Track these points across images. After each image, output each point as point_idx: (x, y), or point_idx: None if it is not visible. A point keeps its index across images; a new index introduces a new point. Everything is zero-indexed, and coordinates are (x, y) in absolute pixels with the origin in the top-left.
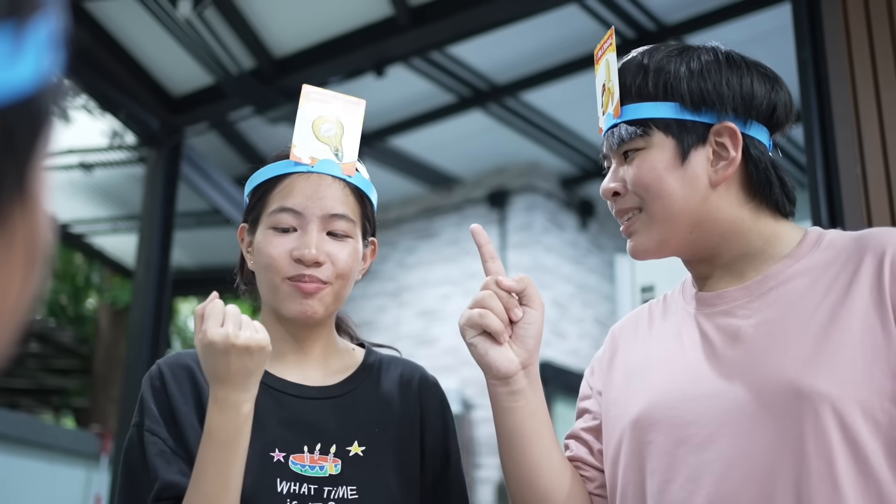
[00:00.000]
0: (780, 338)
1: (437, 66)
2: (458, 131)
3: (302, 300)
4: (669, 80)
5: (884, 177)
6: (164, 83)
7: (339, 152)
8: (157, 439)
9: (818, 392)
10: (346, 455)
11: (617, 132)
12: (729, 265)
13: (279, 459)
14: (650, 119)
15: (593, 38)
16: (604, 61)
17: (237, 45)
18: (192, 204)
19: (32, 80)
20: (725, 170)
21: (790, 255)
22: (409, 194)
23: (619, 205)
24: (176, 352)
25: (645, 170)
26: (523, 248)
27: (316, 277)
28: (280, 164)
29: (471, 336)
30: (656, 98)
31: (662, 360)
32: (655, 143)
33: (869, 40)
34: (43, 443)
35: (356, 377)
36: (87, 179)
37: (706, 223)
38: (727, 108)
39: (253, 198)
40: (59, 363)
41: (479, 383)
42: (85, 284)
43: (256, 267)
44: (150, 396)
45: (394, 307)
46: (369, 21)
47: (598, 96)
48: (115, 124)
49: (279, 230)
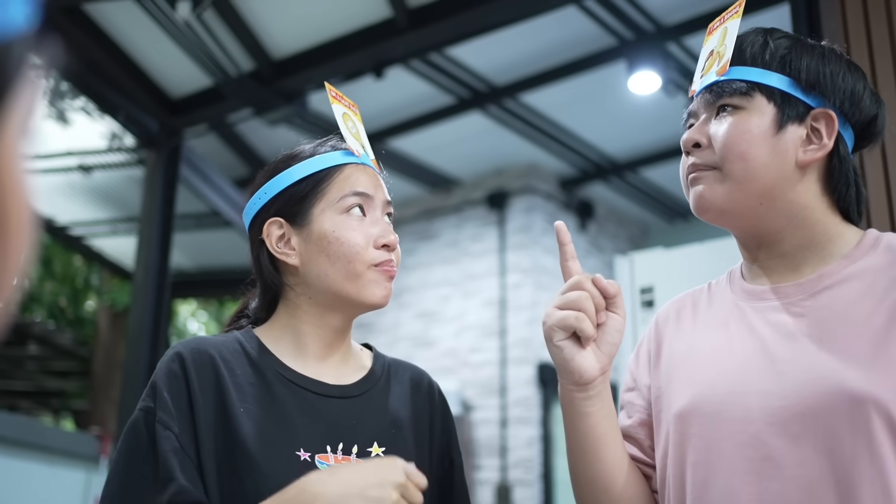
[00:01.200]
0: (834, 339)
1: (436, 68)
2: (457, 133)
3: (385, 285)
4: (790, 54)
5: (882, 178)
6: (163, 85)
7: (365, 149)
8: (170, 434)
9: (873, 398)
10: (368, 456)
11: (718, 87)
12: (786, 256)
13: (306, 459)
14: (757, 83)
15: (592, 39)
16: (722, 28)
17: (236, 47)
18: (191, 206)
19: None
20: (815, 153)
21: (847, 256)
22: (408, 196)
23: (697, 157)
24: (195, 336)
25: (740, 129)
26: (522, 249)
27: (394, 262)
28: (336, 155)
29: (560, 338)
30: (770, 67)
31: (709, 353)
32: (756, 107)
33: (867, 41)
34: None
35: (371, 378)
36: (86, 181)
37: (779, 200)
38: (835, 99)
39: (299, 189)
40: (58, 365)
41: (477, 385)
42: (84, 286)
43: (322, 257)
44: (165, 383)
45: (393, 308)
46: (368, 23)
47: (701, 61)
48: (115, 126)
49: (354, 215)
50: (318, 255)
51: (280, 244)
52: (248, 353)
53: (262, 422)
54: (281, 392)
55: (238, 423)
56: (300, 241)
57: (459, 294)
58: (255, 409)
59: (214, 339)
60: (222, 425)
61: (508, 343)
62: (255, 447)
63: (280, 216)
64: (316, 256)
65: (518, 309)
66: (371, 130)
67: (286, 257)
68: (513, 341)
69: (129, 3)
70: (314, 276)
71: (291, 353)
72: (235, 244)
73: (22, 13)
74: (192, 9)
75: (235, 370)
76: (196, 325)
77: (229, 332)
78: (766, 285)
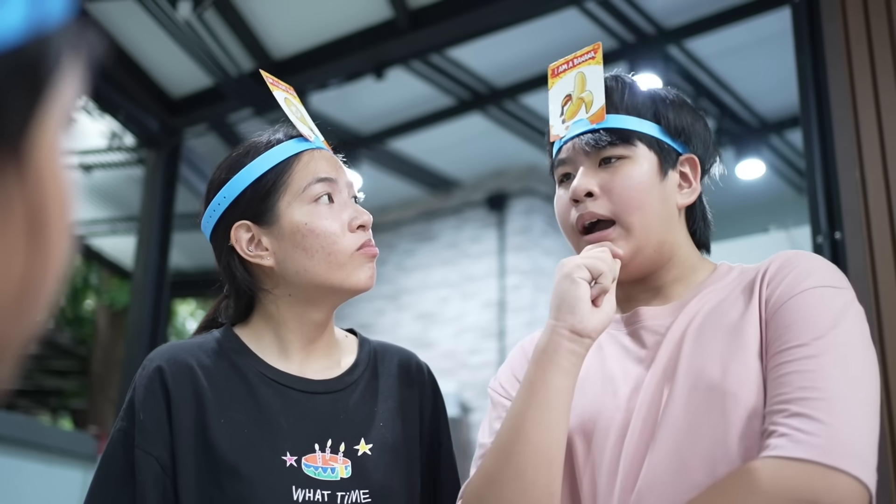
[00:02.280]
0: (700, 345)
1: (436, 69)
2: (457, 134)
3: (369, 266)
4: (657, 102)
5: (883, 181)
6: (163, 85)
7: (313, 130)
8: (150, 458)
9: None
10: (355, 455)
11: (597, 137)
12: (659, 288)
13: (292, 464)
14: (637, 131)
15: (593, 41)
16: (575, 73)
17: (237, 47)
18: (190, 205)
19: (22, 27)
20: (689, 196)
21: (704, 283)
22: (407, 197)
23: (590, 207)
24: (170, 343)
25: (633, 179)
26: (522, 251)
27: (373, 241)
28: (290, 144)
29: (581, 275)
30: (644, 116)
31: (584, 377)
32: (640, 155)
33: (868, 45)
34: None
35: (356, 368)
36: (86, 181)
37: (666, 243)
38: (696, 144)
39: (260, 187)
40: (56, 364)
41: (476, 386)
42: (83, 286)
43: (298, 252)
44: (143, 403)
45: (392, 310)
46: (369, 23)
47: (555, 105)
48: (115, 125)
49: (322, 203)
50: (293, 250)
51: (251, 247)
52: (229, 354)
53: (245, 429)
54: (264, 394)
55: (219, 435)
56: (272, 241)
57: (459, 295)
58: (239, 417)
59: (191, 344)
60: (202, 439)
61: (507, 345)
62: (237, 457)
63: (245, 218)
64: (292, 252)
65: (517, 311)
66: (371, 131)
67: (260, 259)
68: (512, 343)
69: (130, 3)
70: (293, 272)
71: (274, 351)
72: None
73: (60, 5)
74: (193, 8)
75: (216, 376)
76: (195, 325)
77: (208, 333)
78: (630, 311)
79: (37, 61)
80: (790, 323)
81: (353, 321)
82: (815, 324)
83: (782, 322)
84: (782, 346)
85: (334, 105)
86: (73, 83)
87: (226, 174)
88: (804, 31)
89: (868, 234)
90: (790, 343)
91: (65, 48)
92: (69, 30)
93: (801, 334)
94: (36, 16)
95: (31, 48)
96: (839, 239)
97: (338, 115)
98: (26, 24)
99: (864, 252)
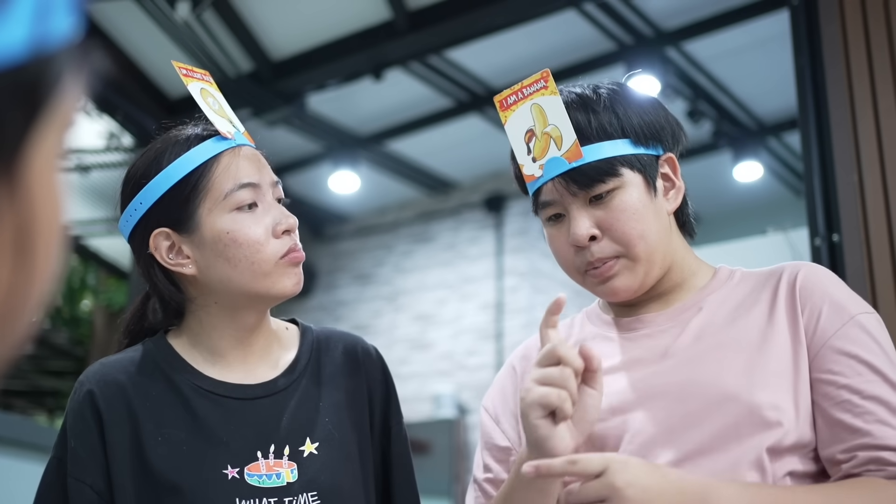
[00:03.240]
0: (712, 354)
1: (435, 71)
2: (455, 136)
3: (295, 272)
4: (620, 116)
5: (881, 184)
6: (161, 85)
7: (233, 123)
8: (83, 486)
9: (756, 402)
10: (301, 457)
11: (581, 177)
12: (661, 294)
13: (234, 476)
14: (616, 158)
15: (591, 43)
16: (529, 105)
17: (235, 48)
18: None
19: (24, 45)
20: (676, 198)
21: (706, 287)
22: (405, 198)
23: (597, 251)
24: (101, 361)
25: (630, 209)
26: (520, 253)
27: (299, 245)
28: (208, 145)
29: (537, 416)
30: (614, 136)
31: None
32: (627, 181)
33: (866, 47)
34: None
35: (298, 364)
36: (84, 181)
37: (667, 255)
38: (666, 139)
39: (179, 192)
40: (53, 365)
41: (474, 388)
42: (80, 286)
43: (220, 261)
44: (74, 431)
45: (390, 311)
46: (368, 24)
47: (517, 142)
48: (112, 126)
49: (245, 209)
50: (216, 259)
51: (171, 255)
52: (162, 368)
53: (184, 446)
54: (202, 406)
55: (155, 454)
56: (192, 248)
57: (456, 297)
58: (176, 433)
59: (123, 360)
60: (139, 459)
61: (505, 346)
62: (176, 476)
63: (164, 225)
64: (214, 261)
65: (515, 312)
66: (369, 132)
67: (181, 268)
68: (509, 344)
69: (128, 3)
70: (216, 281)
71: (208, 360)
72: None
73: (65, 24)
74: (192, 9)
75: (150, 392)
76: None
77: (138, 344)
78: (630, 317)
79: (37, 81)
80: (849, 354)
81: (349, 322)
82: (871, 351)
83: (839, 352)
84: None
85: (332, 106)
86: (72, 102)
87: (142, 177)
88: (802, 33)
89: (866, 237)
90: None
91: (67, 67)
92: (73, 49)
93: (864, 364)
94: (39, 33)
95: (32, 67)
96: (837, 241)
97: (336, 115)
98: (29, 41)
99: (862, 254)
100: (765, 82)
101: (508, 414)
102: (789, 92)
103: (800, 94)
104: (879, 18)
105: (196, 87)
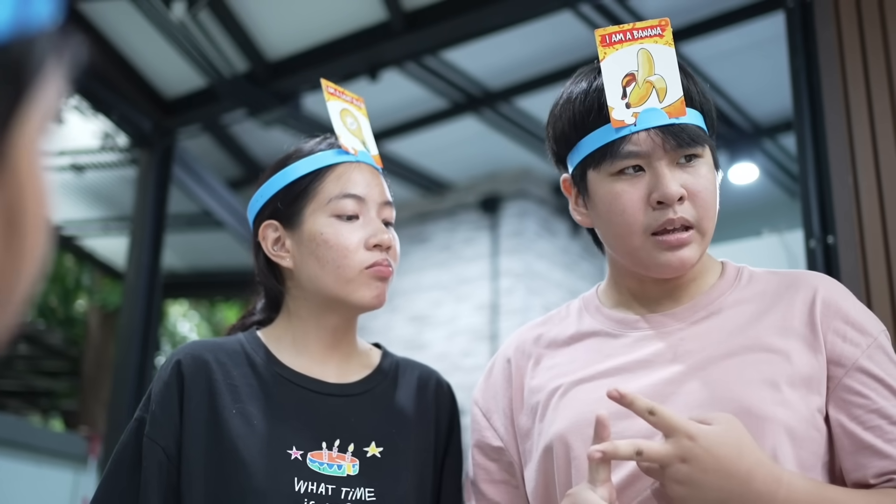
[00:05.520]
0: (724, 364)
1: (430, 71)
2: (450, 136)
3: (378, 285)
4: (705, 94)
5: (875, 186)
6: (156, 85)
7: (366, 145)
8: (157, 447)
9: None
10: (364, 455)
11: (682, 132)
12: (676, 288)
13: (297, 457)
14: (702, 129)
15: (587, 45)
16: (635, 48)
17: (231, 48)
18: (183, 206)
19: (6, 26)
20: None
21: (715, 287)
22: (400, 199)
23: (680, 213)
24: (194, 340)
25: (710, 181)
26: (515, 254)
27: (389, 262)
28: (328, 154)
29: None
30: (701, 109)
31: (587, 377)
32: (707, 154)
33: (862, 50)
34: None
35: (375, 377)
36: (79, 181)
37: None
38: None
39: (292, 191)
40: (48, 365)
41: (469, 388)
42: (75, 286)
43: (312, 260)
44: (157, 394)
45: (385, 312)
46: (363, 25)
47: (612, 82)
48: (108, 126)
49: (344, 218)
50: (308, 257)
51: (275, 247)
52: (248, 354)
53: (255, 421)
54: (279, 391)
55: (228, 424)
56: (293, 244)
57: (451, 298)
58: (250, 409)
59: (214, 343)
60: (213, 427)
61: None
62: (243, 446)
63: (274, 218)
64: (307, 259)
65: (510, 313)
66: None
67: (280, 260)
68: None
69: (123, 3)
70: (306, 278)
71: (292, 352)
72: (227, 245)
73: (45, 9)
74: (187, 9)
75: (232, 372)
76: (187, 326)
77: (234, 335)
78: (636, 314)
79: (20, 61)
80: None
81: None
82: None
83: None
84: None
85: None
86: (55, 85)
87: (270, 172)
88: (798, 35)
89: (861, 239)
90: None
91: (49, 50)
92: (55, 32)
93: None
94: (21, 16)
95: (14, 48)
96: (832, 243)
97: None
98: (11, 23)
99: (857, 256)
100: (760, 84)
101: (500, 411)
102: (785, 94)
103: (795, 97)
104: (874, 21)
105: (336, 106)
